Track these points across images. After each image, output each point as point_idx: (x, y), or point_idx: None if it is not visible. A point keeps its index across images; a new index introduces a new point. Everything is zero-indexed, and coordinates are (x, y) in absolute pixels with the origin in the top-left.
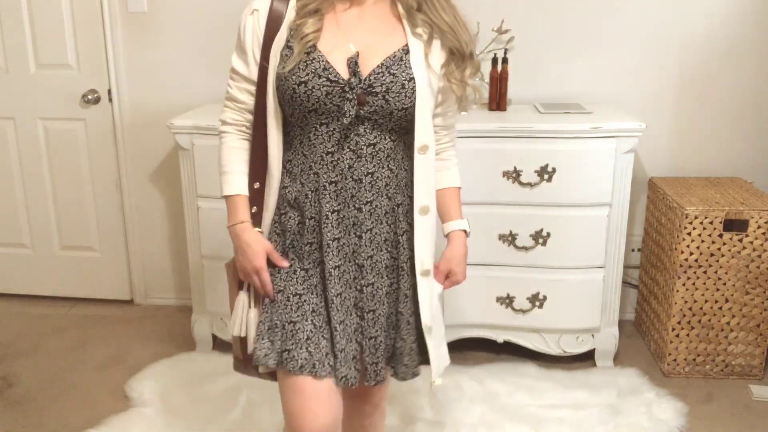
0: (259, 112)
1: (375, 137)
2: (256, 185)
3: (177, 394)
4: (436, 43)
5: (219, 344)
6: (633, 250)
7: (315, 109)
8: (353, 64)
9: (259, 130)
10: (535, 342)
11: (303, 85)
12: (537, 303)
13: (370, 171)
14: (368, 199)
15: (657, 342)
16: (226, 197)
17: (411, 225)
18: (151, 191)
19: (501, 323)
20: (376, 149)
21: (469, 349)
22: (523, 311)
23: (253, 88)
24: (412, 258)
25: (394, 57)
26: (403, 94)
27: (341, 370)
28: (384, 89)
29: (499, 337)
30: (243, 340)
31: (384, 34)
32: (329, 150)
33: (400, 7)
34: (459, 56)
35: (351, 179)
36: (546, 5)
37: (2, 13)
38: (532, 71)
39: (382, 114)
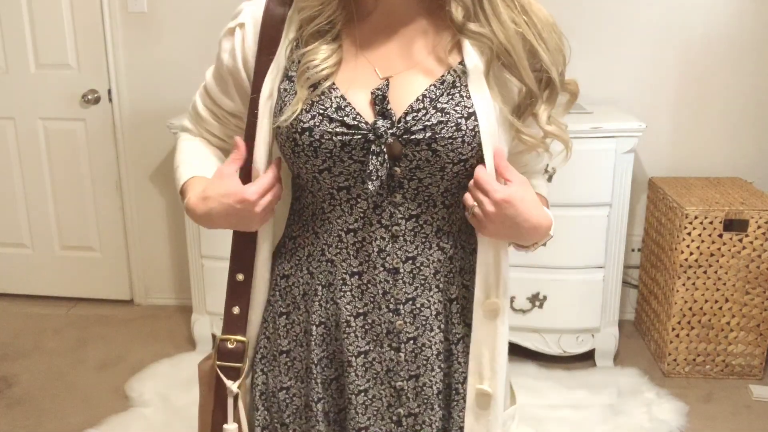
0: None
1: (418, 207)
2: (240, 277)
3: (177, 394)
4: (493, 71)
5: None
6: (633, 250)
7: (327, 168)
8: (380, 99)
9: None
10: (535, 342)
11: (307, 133)
12: (537, 303)
13: (411, 255)
14: (409, 296)
15: (657, 342)
16: (182, 192)
17: (468, 327)
18: (151, 191)
19: None
20: (420, 223)
21: None
22: (523, 311)
23: (222, 113)
24: (467, 377)
25: (443, 83)
26: (460, 139)
27: None
28: (429, 134)
29: None
30: None
31: (428, 49)
32: (351, 227)
33: (453, 10)
34: (526, 94)
35: (383, 269)
36: (546, 5)
37: (2, 13)
38: None
39: (428, 171)
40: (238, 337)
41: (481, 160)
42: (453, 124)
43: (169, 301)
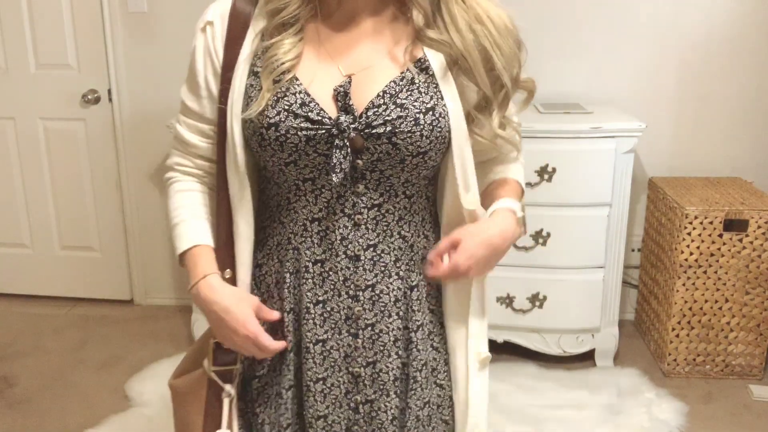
0: (222, 167)
1: (380, 196)
2: (227, 273)
3: None
4: (455, 69)
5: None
6: (633, 250)
7: (293, 162)
8: (342, 95)
9: (223, 191)
10: (535, 342)
11: (273, 128)
12: (537, 303)
13: (372, 243)
14: (369, 283)
15: (657, 342)
16: (181, 256)
17: (433, 314)
18: (151, 191)
19: (501, 323)
20: (382, 212)
21: None
22: (523, 311)
23: (207, 128)
24: (427, 365)
25: (402, 79)
26: (418, 132)
27: None
28: (389, 128)
29: (499, 337)
30: None
31: (387, 48)
32: (315, 216)
33: (414, 17)
34: (482, 97)
35: (345, 256)
36: (546, 5)
37: (2, 13)
38: (531, 71)
39: (389, 163)
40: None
41: (438, 153)
42: (411, 119)
43: (169, 301)
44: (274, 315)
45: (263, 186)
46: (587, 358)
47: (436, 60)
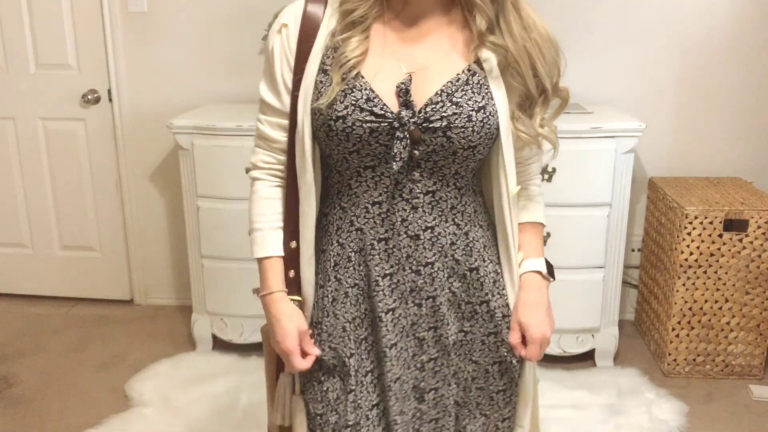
0: (291, 153)
1: (434, 184)
2: (293, 244)
3: (177, 394)
4: (508, 72)
5: (219, 344)
6: (633, 250)
7: (357, 150)
8: (404, 92)
9: (292, 176)
10: None
11: (341, 120)
12: None
13: (429, 225)
14: (428, 260)
15: (657, 342)
16: (257, 260)
17: (499, 294)
18: (151, 191)
19: None
20: (436, 198)
21: None
22: None
23: (287, 123)
24: (497, 334)
25: (458, 80)
26: (470, 128)
27: None
28: (445, 123)
29: None
30: (286, 429)
31: (446, 50)
32: (376, 200)
33: (478, 22)
34: (526, 98)
35: (405, 236)
36: (546, 5)
37: (2, 13)
38: None
39: (443, 155)
40: (296, 297)
41: (486, 147)
42: (465, 116)
43: (169, 301)
44: (314, 351)
45: (326, 174)
46: (587, 358)
47: (490, 62)
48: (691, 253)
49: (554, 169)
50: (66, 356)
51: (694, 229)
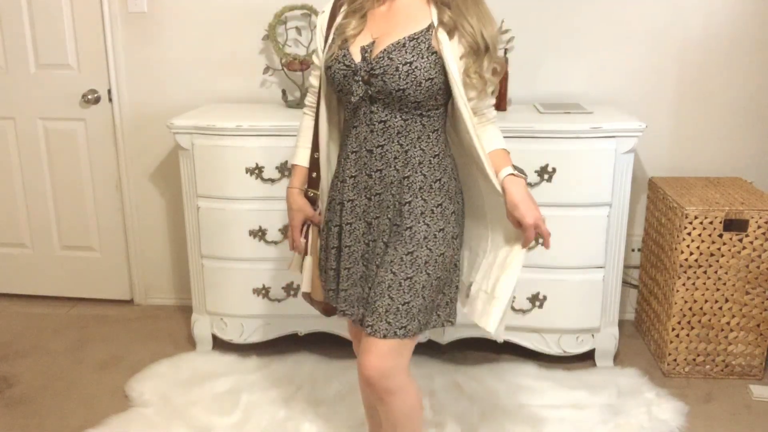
0: (318, 94)
1: (386, 115)
2: (316, 155)
3: (177, 394)
4: (457, 37)
5: (219, 344)
6: (633, 250)
7: (340, 90)
8: (365, 50)
9: (316, 108)
10: (535, 342)
11: (329, 69)
12: (537, 303)
13: (380, 144)
14: (378, 168)
15: (657, 342)
16: (292, 165)
17: (422, 199)
18: (151, 191)
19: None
20: (387, 126)
21: (469, 349)
22: (523, 311)
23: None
24: (411, 228)
25: (398, 43)
26: (397, 77)
27: (341, 305)
28: (381, 71)
29: (499, 337)
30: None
31: (404, 24)
32: (354, 124)
33: (431, 4)
34: (475, 50)
35: (365, 150)
36: (546, 5)
37: (2, 13)
38: (532, 71)
39: (384, 94)
40: (315, 191)
41: (417, 92)
42: (394, 68)
43: (169, 301)
44: (317, 220)
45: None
46: (587, 358)
47: (433, 31)
48: (691, 253)
49: (554, 169)
50: (66, 356)
51: (694, 229)
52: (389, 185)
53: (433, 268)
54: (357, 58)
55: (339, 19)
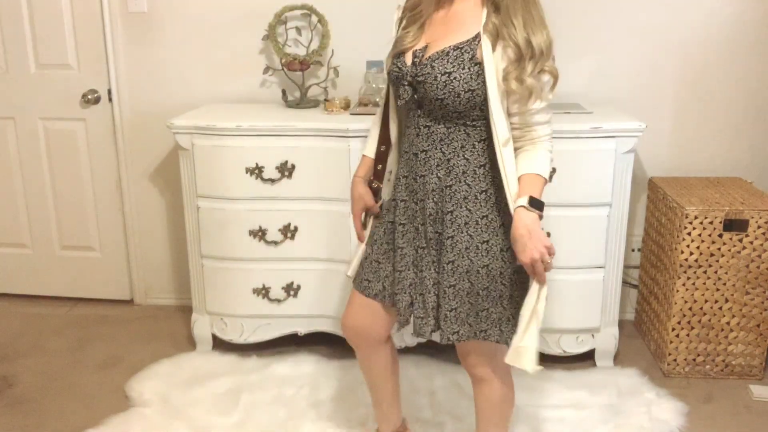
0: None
1: (429, 121)
2: (382, 148)
3: (177, 394)
4: (501, 47)
5: (219, 344)
6: (633, 250)
7: (395, 91)
8: (416, 56)
9: (386, 104)
10: None
11: (388, 72)
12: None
13: (424, 149)
14: (421, 173)
15: (657, 342)
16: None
17: (467, 209)
18: (151, 191)
19: None
20: (430, 131)
21: None
22: None
23: None
24: (453, 237)
25: (442, 51)
26: (436, 86)
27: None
28: (423, 79)
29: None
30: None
31: (455, 31)
32: (407, 125)
33: (484, 8)
34: (518, 58)
35: (412, 153)
36: (546, 5)
37: (2, 13)
38: None
39: (427, 100)
40: (379, 183)
41: (455, 101)
42: (433, 77)
43: (169, 301)
44: (375, 210)
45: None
46: (587, 358)
47: (479, 40)
48: (691, 253)
49: (554, 169)
50: (66, 356)
51: (694, 229)
52: (430, 192)
53: (476, 278)
54: (408, 62)
55: (402, 24)
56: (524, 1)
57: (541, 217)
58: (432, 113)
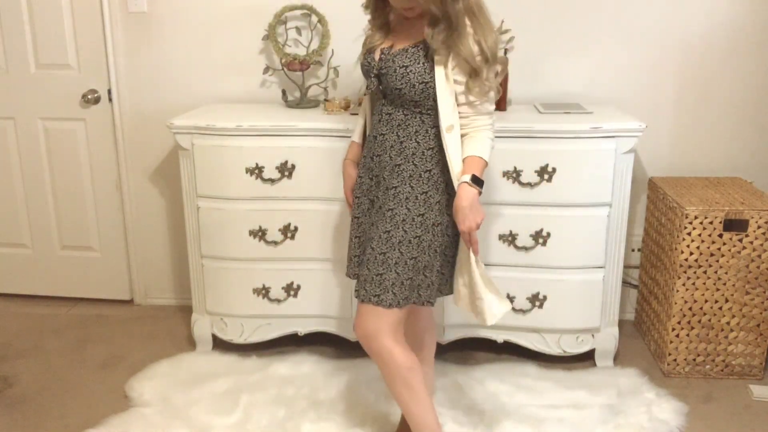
0: None
1: (391, 109)
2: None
3: (177, 394)
4: (452, 60)
5: (219, 344)
6: (633, 250)
7: (366, 83)
8: (383, 53)
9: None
10: (535, 342)
11: (360, 66)
12: (537, 303)
13: (382, 132)
14: (378, 153)
15: (657, 342)
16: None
17: (410, 185)
18: (151, 191)
19: (501, 323)
20: (391, 117)
21: (469, 349)
22: (523, 311)
23: None
24: (392, 210)
25: (403, 49)
26: (395, 77)
27: (354, 270)
28: (385, 71)
29: (499, 337)
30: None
31: (416, 33)
32: (373, 113)
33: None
34: (472, 71)
35: (372, 136)
36: (546, 5)
37: (2, 13)
38: (532, 71)
39: (389, 90)
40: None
41: (412, 92)
42: (393, 69)
43: (169, 301)
44: (350, 195)
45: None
46: (587, 358)
47: (432, 43)
48: (691, 253)
49: (554, 169)
50: (66, 356)
51: (694, 229)
52: (383, 170)
53: (407, 248)
54: (377, 57)
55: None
56: (470, 11)
57: (480, 193)
58: (393, 102)
